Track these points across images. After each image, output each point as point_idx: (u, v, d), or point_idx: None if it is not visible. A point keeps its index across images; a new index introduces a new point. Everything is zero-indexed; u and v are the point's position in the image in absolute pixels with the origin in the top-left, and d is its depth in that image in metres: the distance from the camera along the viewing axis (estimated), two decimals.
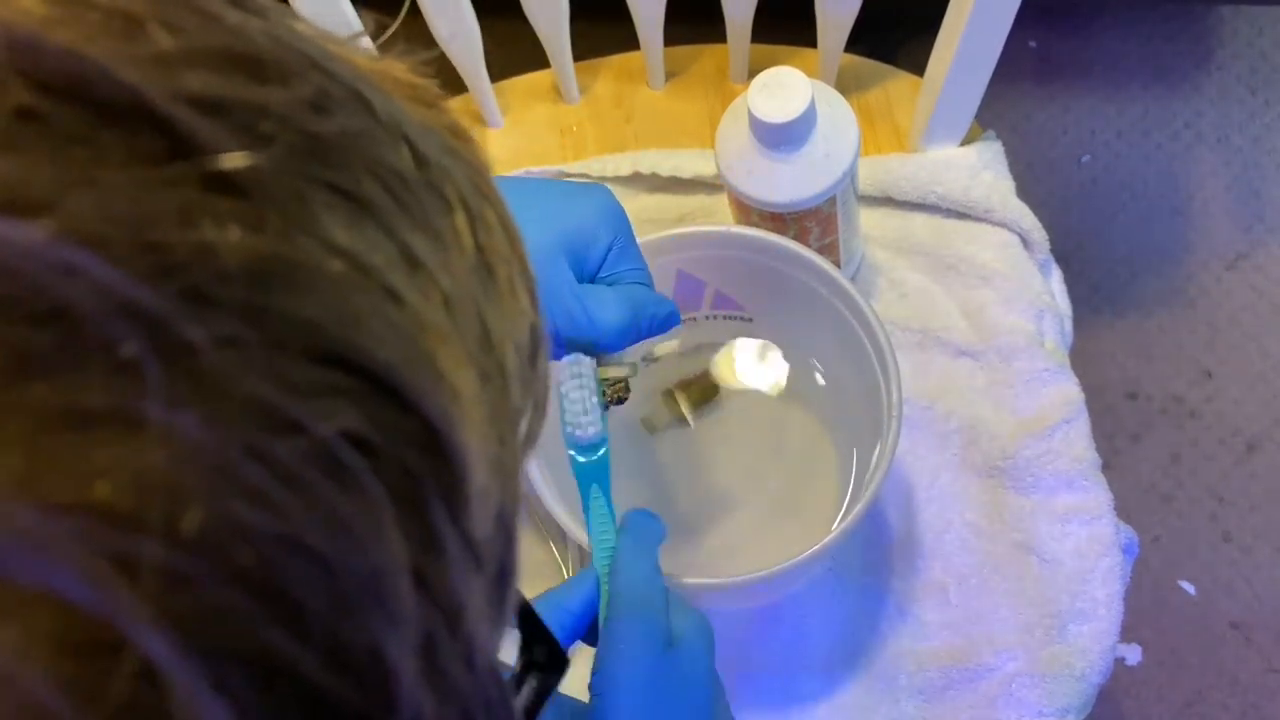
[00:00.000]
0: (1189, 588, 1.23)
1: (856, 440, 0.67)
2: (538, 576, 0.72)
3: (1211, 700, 1.19)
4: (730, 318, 0.69)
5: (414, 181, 0.21)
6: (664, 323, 0.53)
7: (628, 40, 0.82)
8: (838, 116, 0.64)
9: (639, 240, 0.62)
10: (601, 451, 0.51)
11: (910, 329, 0.75)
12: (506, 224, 0.24)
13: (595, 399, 0.50)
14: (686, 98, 0.85)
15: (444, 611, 0.19)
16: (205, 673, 0.16)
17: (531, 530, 0.73)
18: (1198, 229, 1.36)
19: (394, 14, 0.85)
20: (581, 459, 0.51)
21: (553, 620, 0.46)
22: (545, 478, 0.59)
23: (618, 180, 0.81)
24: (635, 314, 0.51)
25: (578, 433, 0.50)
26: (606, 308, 0.50)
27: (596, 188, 0.53)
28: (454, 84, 0.83)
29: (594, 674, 0.45)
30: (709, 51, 0.86)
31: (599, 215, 0.51)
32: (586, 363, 0.50)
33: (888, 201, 0.78)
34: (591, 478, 0.51)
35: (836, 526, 0.56)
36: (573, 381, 0.50)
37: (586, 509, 0.51)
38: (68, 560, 0.15)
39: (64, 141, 0.17)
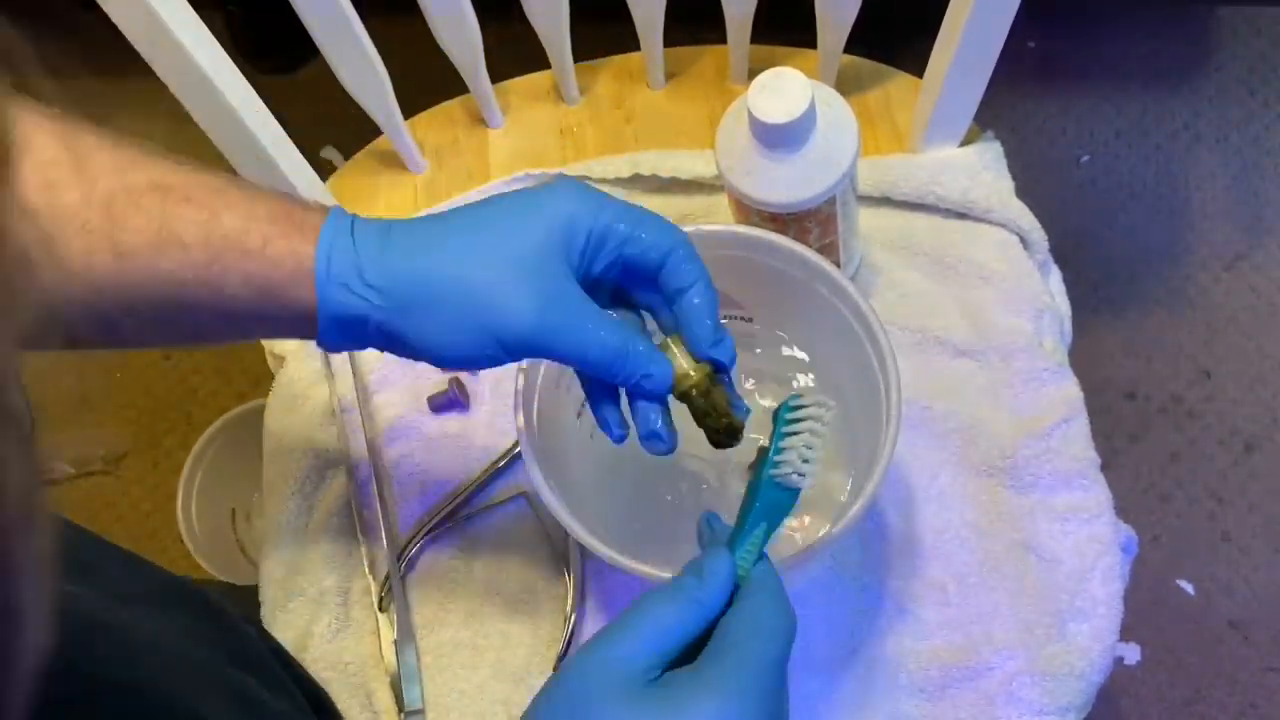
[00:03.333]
0: (1188, 587, 1.23)
1: (856, 440, 0.67)
2: (539, 578, 0.72)
3: (1210, 699, 1.19)
4: (730, 317, 0.69)
5: None
6: (646, 377, 0.50)
7: (628, 40, 0.83)
8: (838, 117, 0.64)
9: None
10: (795, 493, 0.49)
11: (910, 329, 0.75)
12: None
13: (819, 453, 0.49)
14: (686, 98, 0.85)
15: None
16: None
17: (531, 531, 0.73)
18: (1196, 229, 1.36)
19: (394, 14, 0.86)
20: (775, 490, 0.49)
21: (683, 614, 0.44)
22: (550, 486, 0.59)
23: (618, 181, 0.81)
24: (623, 348, 0.49)
25: (792, 476, 0.48)
26: (597, 330, 0.49)
27: (557, 182, 0.51)
28: (454, 84, 0.83)
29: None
30: (709, 52, 0.86)
31: (570, 205, 0.50)
32: (831, 410, 0.49)
33: (887, 201, 0.78)
34: (768, 513, 0.49)
35: (836, 526, 0.56)
36: (811, 424, 0.49)
37: (744, 532, 0.48)
38: None
39: None
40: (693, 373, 0.52)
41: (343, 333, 0.50)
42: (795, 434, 0.49)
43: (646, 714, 0.41)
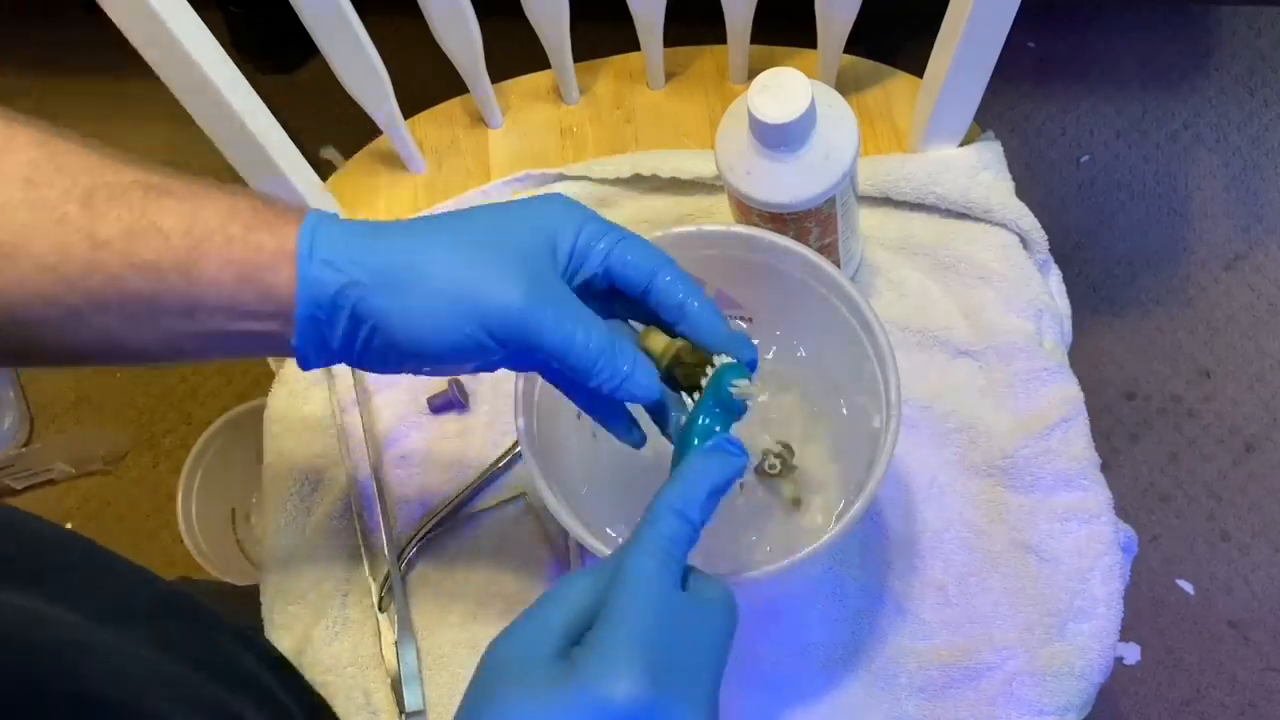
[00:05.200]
0: (1187, 587, 1.23)
1: (856, 440, 0.67)
2: (539, 578, 0.72)
3: (1210, 699, 1.19)
4: (730, 317, 0.69)
5: None
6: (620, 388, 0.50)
7: (628, 40, 0.83)
8: (838, 117, 0.64)
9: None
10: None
11: (910, 329, 0.75)
12: None
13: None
14: (686, 98, 0.85)
15: None
16: None
17: (531, 531, 0.73)
18: (1196, 229, 1.36)
19: (394, 14, 0.86)
20: (714, 425, 0.49)
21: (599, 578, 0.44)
22: (550, 486, 0.59)
23: (618, 181, 0.81)
24: (605, 349, 0.48)
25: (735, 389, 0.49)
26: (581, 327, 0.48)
27: (543, 195, 0.51)
28: (454, 84, 0.83)
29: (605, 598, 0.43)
30: (709, 52, 0.86)
31: (545, 212, 0.49)
32: (755, 395, 0.50)
33: (887, 201, 0.78)
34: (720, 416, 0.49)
35: (836, 526, 0.56)
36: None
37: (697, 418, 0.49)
38: None
39: None
40: (667, 348, 0.51)
41: (319, 329, 0.47)
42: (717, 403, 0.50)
43: (544, 696, 0.41)
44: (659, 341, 0.52)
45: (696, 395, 0.51)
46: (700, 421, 0.49)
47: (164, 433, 1.42)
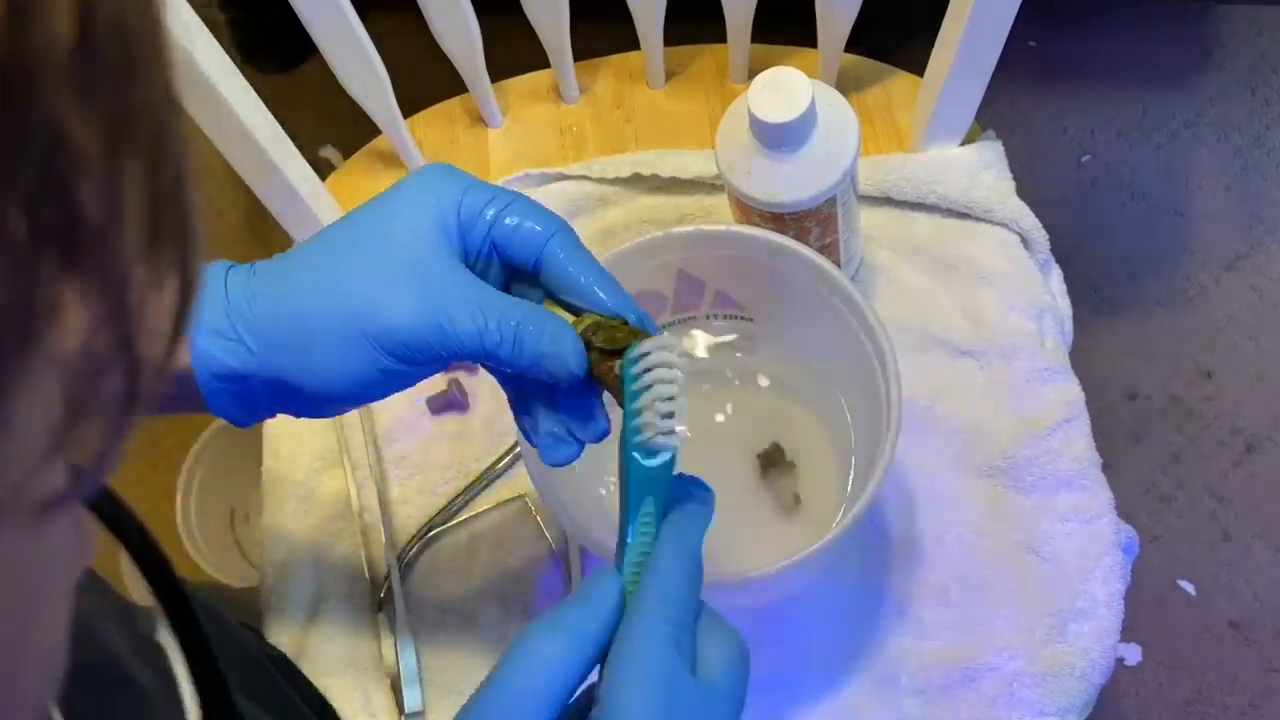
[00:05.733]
0: (1188, 587, 1.23)
1: (856, 440, 0.67)
2: (539, 578, 0.72)
3: (1211, 700, 1.19)
4: (730, 317, 0.69)
5: None
6: (532, 347, 0.43)
7: (628, 40, 0.82)
8: (838, 116, 0.64)
9: (638, 241, 0.62)
10: (667, 457, 0.42)
11: (910, 329, 0.75)
12: None
13: (684, 397, 0.41)
14: (686, 98, 0.85)
15: None
16: None
17: (531, 531, 0.73)
18: (1197, 229, 1.36)
19: (394, 14, 0.86)
20: (644, 462, 0.42)
21: (571, 652, 0.40)
22: (550, 486, 0.59)
23: (618, 181, 0.81)
24: (488, 322, 0.43)
25: (656, 438, 0.41)
26: (461, 306, 0.43)
27: (422, 168, 0.47)
28: (454, 84, 0.83)
29: (604, 683, 0.39)
30: (709, 51, 0.86)
31: (424, 187, 0.45)
32: (675, 349, 0.42)
33: (888, 201, 0.78)
34: (647, 488, 0.42)
35: (836, 526, 0.56)
36: (658, 370, 0.41)
37: (630, 519, 0.42)
38: None
39: None
40: (578, 318, 0.45)
41: (229, 393, 0.45)
42: (647, 388, 0.41)
43: None
44: (566, 314, 0.46)
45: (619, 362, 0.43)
46: (635, 422, 0.42)
47: (164, 433, 1.42)
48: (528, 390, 0.48)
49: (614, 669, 0.39)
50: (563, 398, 0.47)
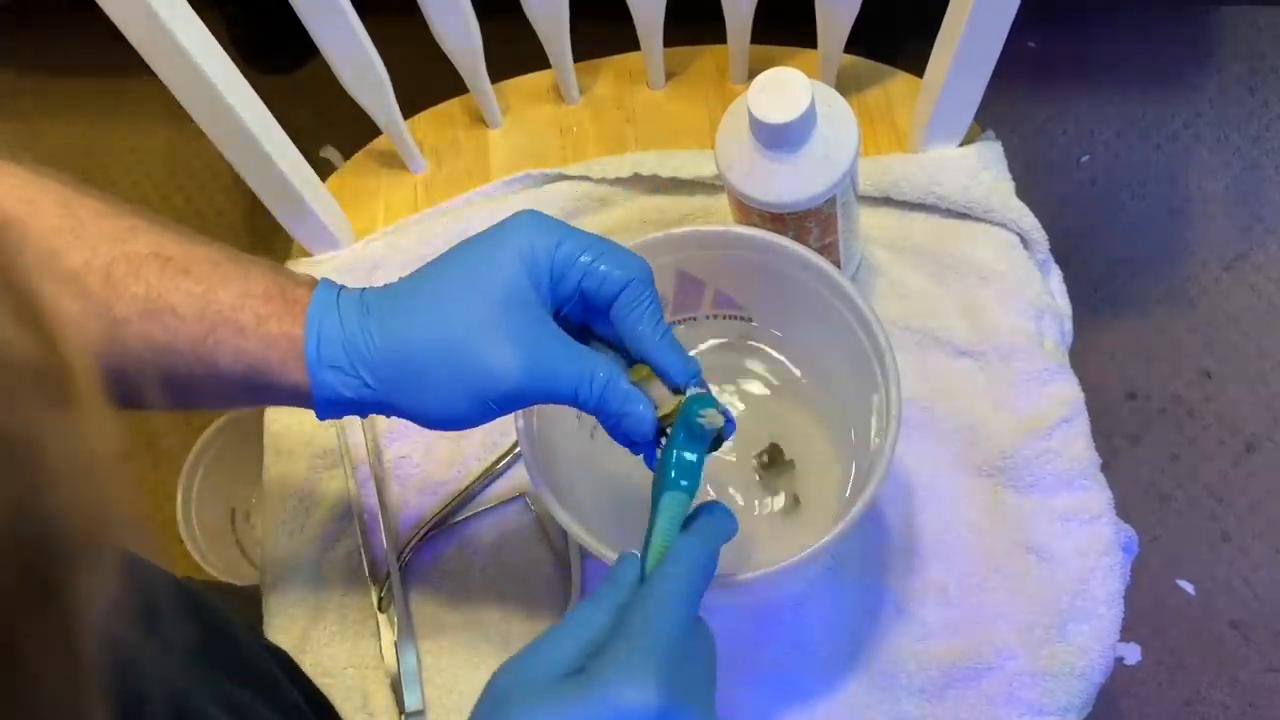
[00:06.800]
0: (1188, 587, 1.23)
1: (856, 440, 0.67)
2: (539, 578, 0.72)
3: (1210, 699, 1.19)
4: (730, 317, 0.69)
5: None
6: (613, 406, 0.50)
7: (628, 40, 0.83)
8: (838, 116, 0.64)
9: (638, 241, 0.62)
10: (704, 447, 0.50)
11: (910, 329, 0.75)
12: None
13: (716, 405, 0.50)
14: (686, 98, 0.85)
15: None
16: None
17: (531, 531, 0.73)
18: (1197, 229, 1.36)
19: (395, 14, 0.86)
20: (683, 452, 0.49)
21: (598, 615, 0.45)
22: (550, 486, 0.59)
23: (618, 181, 0.81)
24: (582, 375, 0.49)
25: (706, 416, 0.49)
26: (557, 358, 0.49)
27: (516, 215, 0.51)
28: (454, 84, 0.83)
29: (618, 631, 0.44)
30: (709, 52, 0.86)
31: (521, 233, 0.49)
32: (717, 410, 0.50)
33: (888, 201, 0.78)
34: (683, 475, 0.49)
35: (836, 526, 0.56)
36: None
37: (656, 514, 0.49)
38: None
39: None
40: (669, 404, 0.51)
41: (341, 409, 0.51)
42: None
43: (560, 703, 0.42)
44: (656, 393, 0.52)
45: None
46: (674, 456, 0.49)
47: (164, 433, 1.42)
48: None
49: (628, 619, 0.44)
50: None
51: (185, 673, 0.46)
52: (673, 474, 0.49)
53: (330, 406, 0.50)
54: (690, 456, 0.49)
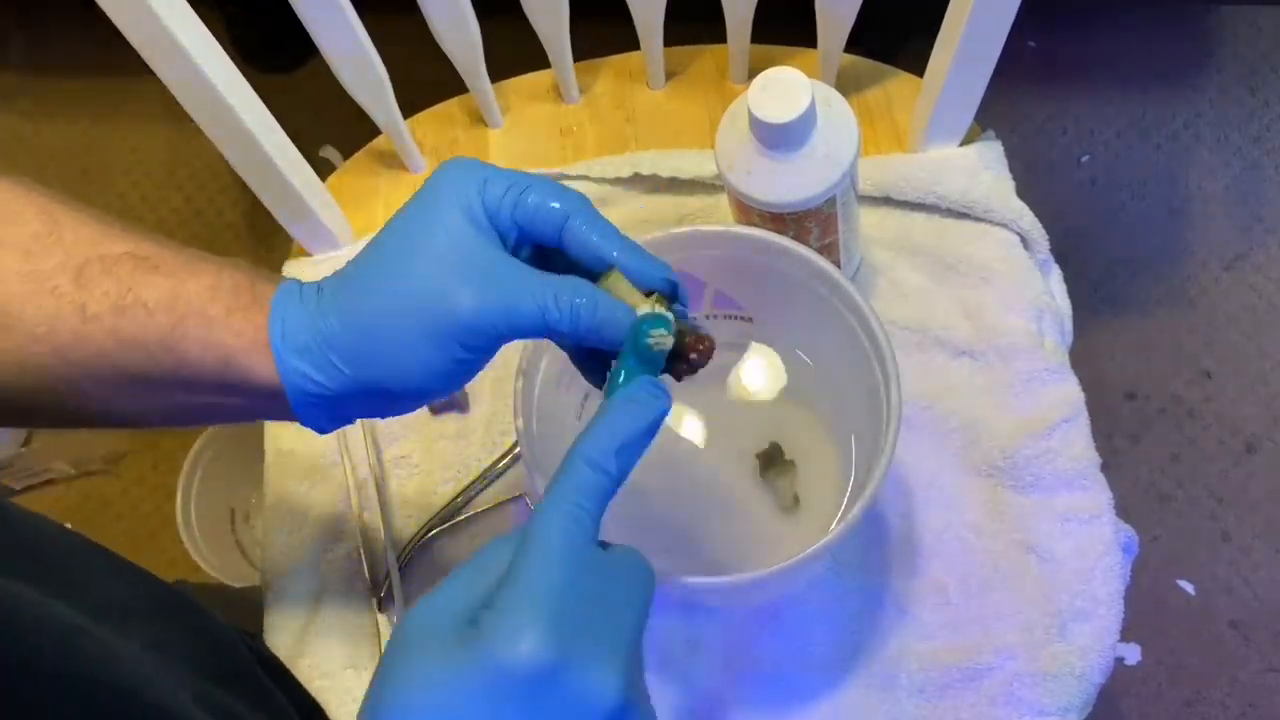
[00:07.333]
0: (1188, 587, 1.23)
1: (856, 440, 0.67)
2: None
3: (1210, 699, 1.19)
4: (730, 317, 0.69)
5: None
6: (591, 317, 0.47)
7: (628, 40, 0.83)
8: (838, 116, 0.64)
9: (638, 240, 0.62)
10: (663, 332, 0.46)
11: (910, 329, 0.75)
12: None
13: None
14: (686, 98, 0.85)
15: None
16: None
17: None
18: (1197, 229, 1.36)
19: (394, 14, 0.86)
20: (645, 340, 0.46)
21: None
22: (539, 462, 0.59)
23: (618, 181, 0.81)
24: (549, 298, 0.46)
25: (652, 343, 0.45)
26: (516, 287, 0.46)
27: (441, 166, 0.49)
28: (454, 84, 0.83)
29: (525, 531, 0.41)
30: (709, 52, 0.86)
31: (447, 184, 0.48)
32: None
33: (888, 201, 0.78)
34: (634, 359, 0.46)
35: (836, 526, 0.56)
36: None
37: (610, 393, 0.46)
38: None
39: None
40: (646, 305, 0.48)
41: (318, 407, 0.49)
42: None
43: (450, 663, 0.39)
44: (630, 301, 0.48)
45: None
46: (620, 380, 0.46)
47: (164, 433, 1.42)
48: (596, 365, 0.52)
49: (518, 555, 0.40)
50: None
51: (169, 676, 0.46)
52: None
53: (306, 401, 0.49)
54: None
